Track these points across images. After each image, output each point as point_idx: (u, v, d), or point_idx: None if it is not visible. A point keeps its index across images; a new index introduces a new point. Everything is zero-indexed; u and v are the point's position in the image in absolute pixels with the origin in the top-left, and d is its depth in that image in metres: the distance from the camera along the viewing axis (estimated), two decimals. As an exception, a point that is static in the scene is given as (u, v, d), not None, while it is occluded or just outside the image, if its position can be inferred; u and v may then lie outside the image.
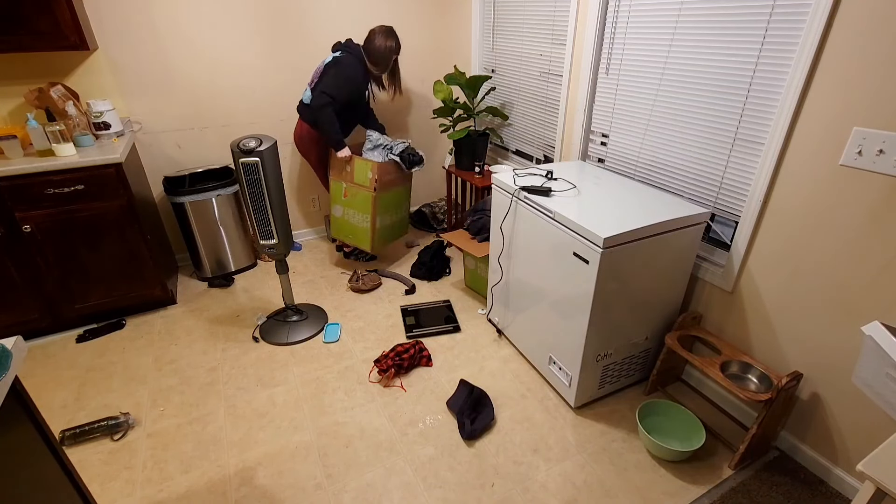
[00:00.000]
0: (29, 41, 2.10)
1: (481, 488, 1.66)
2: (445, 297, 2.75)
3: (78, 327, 2.49)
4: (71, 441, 1.82)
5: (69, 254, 2.27)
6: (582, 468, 1.73)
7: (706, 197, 1.89)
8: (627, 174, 2.23)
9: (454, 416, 1.94)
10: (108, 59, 2.50)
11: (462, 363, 2.24)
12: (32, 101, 2.31)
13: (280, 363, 2.24)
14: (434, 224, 3.61)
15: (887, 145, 1.31)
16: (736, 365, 1.78)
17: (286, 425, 1.91)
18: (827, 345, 1.59)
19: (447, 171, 3.21)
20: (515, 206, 2.03)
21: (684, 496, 1.64)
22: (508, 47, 2.86)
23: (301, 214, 3.41)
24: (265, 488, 1.66)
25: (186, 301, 2.73)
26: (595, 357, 1.85)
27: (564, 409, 1.99)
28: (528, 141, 2.91)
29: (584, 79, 2.31)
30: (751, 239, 1.73)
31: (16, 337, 0.93)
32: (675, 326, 1.93)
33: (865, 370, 1.13)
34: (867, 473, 0.90)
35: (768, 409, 1.60)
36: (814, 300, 1.59)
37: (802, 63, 1.45)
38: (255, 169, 1.99)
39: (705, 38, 1.76)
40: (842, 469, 1.64)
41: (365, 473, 1.72)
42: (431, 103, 3.50)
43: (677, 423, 1.83)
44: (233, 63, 2.78)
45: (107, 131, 2.42)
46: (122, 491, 1.66)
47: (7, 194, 2.06)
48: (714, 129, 1.80)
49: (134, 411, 1.98)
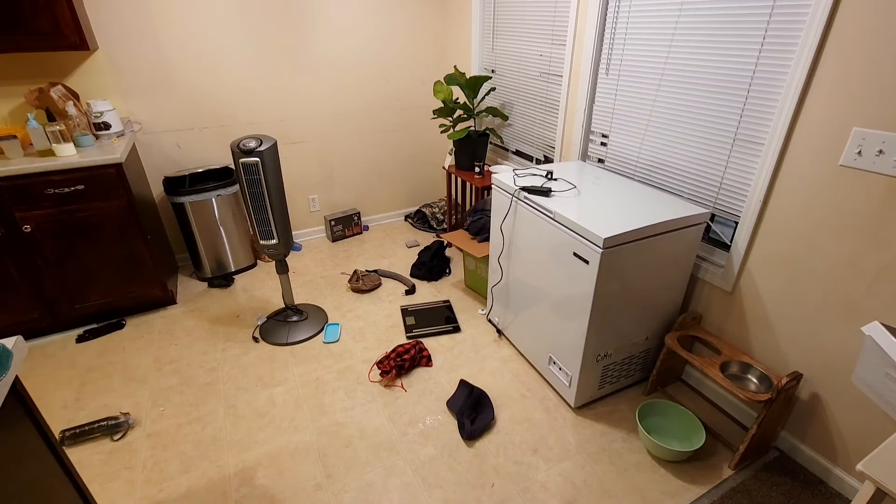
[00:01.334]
0: (29, 41, 2.10)
1: (481, 488, 1.66)
2: (445, 298, 2.75)
3: (78, 327, 2.49)
4: (71, 441, 1.82)
5: (69, 254, 2.27)
6: (582, 468, 1.73)
7: (706, 197, 1.89)
8: (627, 174, 2.23)
9: (454, 416, 1.94)
10: (108, 59, 2.50)
11: (462, 363, 2.24)
12: (32, 101, 2.31)
13: (280, 363, 2.24)
14: (434, 224, 3.61)
15: (887, 146, 1.31)
16: (736, 365, 1.78)
17: (286, 425, 1.91)
18: (827, 345, 1.59)
19: (447, 171, 3.21)
20: (515, 207, 2.03)
21: (684, 496, 1.64)
22: (508, 47, 2.86)
23: (301, 214, 3.41)
24: (265, 488, 1.66)
25: (186, 301, 2.73)
26: (595, 357, 1.85)
27: (564, 409, 1.99)
28: (528, 141, 2.91)
29: (583, 79, 2.31)
30: (751, 239, 1.73)
31: (16, 337, 0.93)
32: (675, 326, 1.93)
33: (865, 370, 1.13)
34: (867, 473, 0.90)
35: (768, 409, 1.60)
36: (814, 300, 1.59)
37: (802, 63, 1.46)
38: (255, 169, 1.99)
39: (705, 39, 1.76)
40: (842, 469, 1.64)
41: (365, 473, 1.71)
42: (431, 103, 3.51)
43: (677, 423, 1.83)
44: (233, 63, 2.78)
45: (107, 131, 2.42)
46: (122, 491, 1.66)
47: (7, 194, 2.06)
48: (714, 129, 1.80)
49: (134, 411, 1.98)
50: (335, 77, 3.10)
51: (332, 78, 3.10)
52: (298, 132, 3.14)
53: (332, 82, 3.11)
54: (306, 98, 3.07)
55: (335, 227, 3.42)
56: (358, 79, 3.18)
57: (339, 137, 3.30)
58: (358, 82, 3.19)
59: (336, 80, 3.11)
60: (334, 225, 3.41)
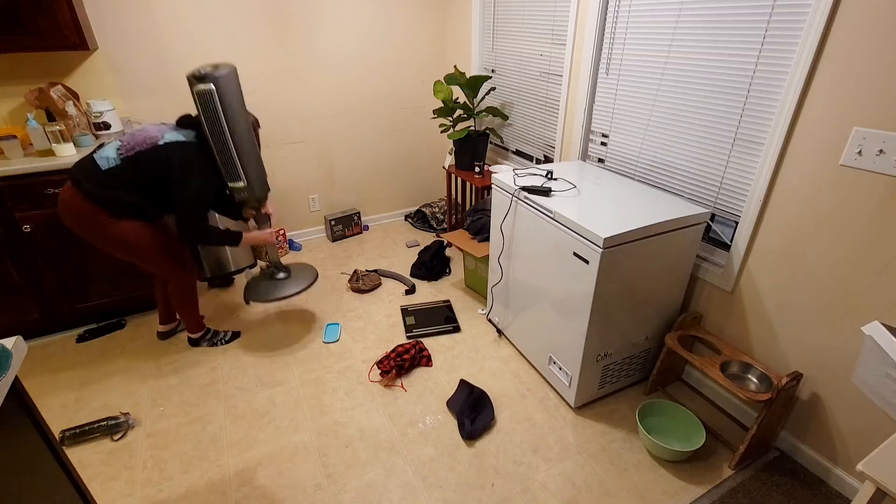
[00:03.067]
0: (29, 41, 2.10)
1: (481, 488, 1.66)
2: (445, 297, 2.75)
3: (78, 327, 2.49)
4: (71, 441, 1.82)
5: (69, 254, 2.26)
6: (582, 468, 1.73)
7: (706, 197, 1.89)
8: (627, 174, 2.23)
9: (454, 416, 1.94)
10: (107, 59, 2.50)
11: (462, 363, 2.24)
12: (32, 101, 2.31)
13: (280, 363, 2.24)
14: (434, 224, 3.61)
15: (887, 145, 1.31)
16: (736, 365, 1.78)
17: (286, 425, 1.91)
18: (827, 345, 1.59)
19: (447, 171, 3.21)
20: (515, 206, 2.03)
21: (684, 496, 1.64)
22: (508, 47, 2.86)
23: (301, 214, 3.41)
24: (265, 488, 1.66)
25: (186, 301, 2.73)
26: (595, 357, 1.85)
27: (564, 409, 1.99)
28: (528, 141, 2.91)
29: (584, 79, 2.31)
30: (751, 239, 1.73)
31: (16, 337, 0.93)
32: (675, 326, 1.93)
33: (865, 370, 1.13)
34: (867, 473, 0.90)
35: (768, 409, 1.60)
36: (814, 300, 1.59)
37: (802, 63, 1.45)
38: (209, 97, 1.70)
39: (705, 39, 1.76)
40: (842, 469, 1.63)
41: (365, 473, 1.71)
42: (431, 103, 3.50)
43: (677, 423, 1.83)
44: (232, 63, 2.77)
45: (107, 131, 2.42)
46: (122, 491, 1.66)
47: (7, 194, 2.06)
48: (714, 129, 1.80)
49: (134, 411, 1.98)
50: (335, 77, 3.10)
51: (333, 77, 3.10)
52: (298, 132, 3.14)
53: (333, 82, 3.11)
54: (306, 98, 3.07)
55: (335, 227, 3.42)
56: (358, 78, 3.18)
57: (339, 137, 3.30)
58: (358, 82, 3.19)
59: (336, 79, 3.11)
60: (334, 225, 3.41)
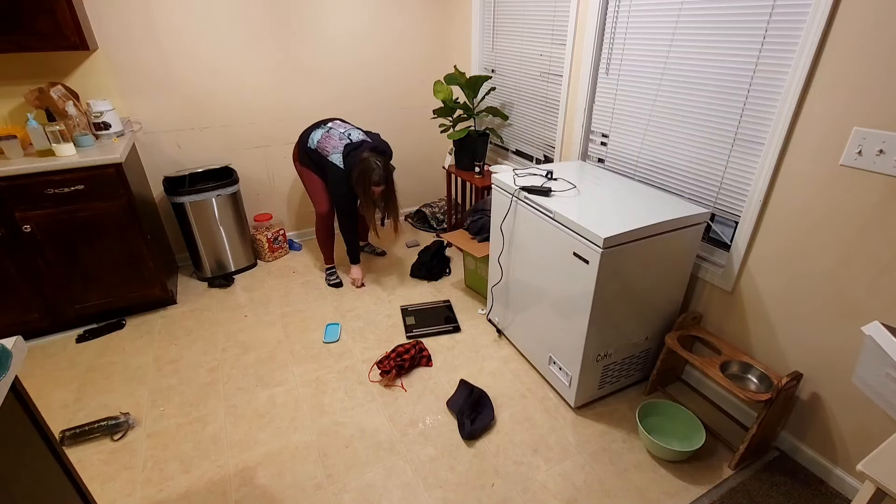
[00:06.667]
0: (29, 41, 2.10)
1: (481, 488, 1.66)
2: (445, 297, 2.75)
3: (78, 327, 2.49)
4: (71, 441, 1.82)
5: (69, 254, 2.27)
6: (582, 468, 1.73)
7: (706, 197, 1.89)
8: (627, 174, 2.23)
9: (454, 416, 1.94)
10: (108, 59, 2.50)
11: (462, 363, 2.24)
12: (32, 101, 2.31)
13: (280, 363, 2.24)
14: (434, 224, 3.61)
15: (887, 145, 1.31)
16: (736, 365, 1.78)
17: (286, 425, 1.91)
18: (827, 345, 1.59)
19: (447, 171, 3.21)
20: (515, 207, 2.03)
21: (684, 496, 1.64)
22: (508, 47, 2.86)
23: (301, 214, 3.41)
24: (265, 488, 1.66)
25: (186, 301, 2.73)
26: (595, 357, 1.85)
27: (564, 409, 1.99)
28: (528, 141, 2.91)
29: (584, 79, 2.31)
30: (751, 239, 1.73)
31: (16, 337, 0.93)
32: (675, 326, 1.93)
33: (865, 370, 1.13)
34: (867, 473, 0.90)
35: (768, 409, 1.60)
36: (814, 300, 1.59)
37: (802, 63, 1.45)
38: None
39: (705, 39, 1.76)
40: (842, 469, 1.63)
41: (365, 473, 1.71)
42: (431, 103, 3.50)
43: (677, 423, 1.83)
44: (233, 63, 2.78)
45: (107, 131, 2.42)
46: (122, 491, 1.66)
47: (7, 194, 2.06)
48: (714, 129, 1.80)
49: (134, 411, 1.98)
50: (335, 76, 3.10)
51: (332, 77, 3.10)
52: (299, 131, 3.14)
53: (332, 82, 3.11)
54: (306, 97, 3.07)
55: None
56: (358, 78, 3.18)
57: (339, 137, 3.30)
58: (358, 81, 3.19)
59: (336, 79, 3.11)
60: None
